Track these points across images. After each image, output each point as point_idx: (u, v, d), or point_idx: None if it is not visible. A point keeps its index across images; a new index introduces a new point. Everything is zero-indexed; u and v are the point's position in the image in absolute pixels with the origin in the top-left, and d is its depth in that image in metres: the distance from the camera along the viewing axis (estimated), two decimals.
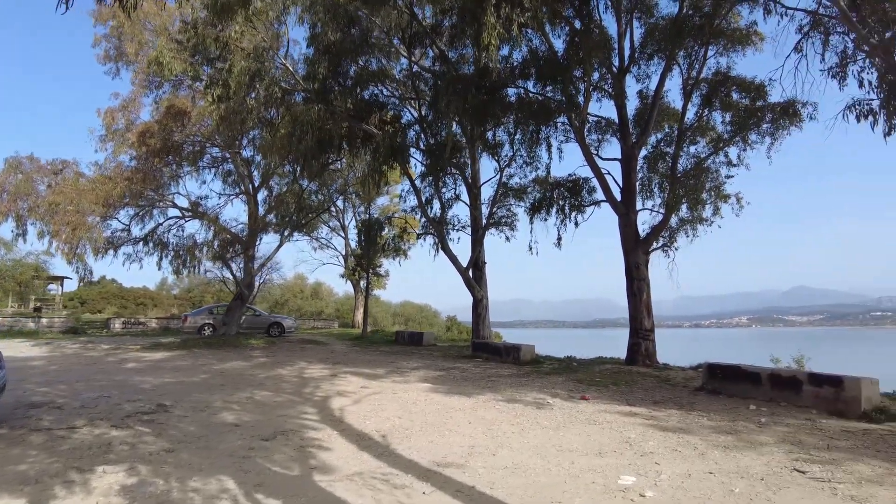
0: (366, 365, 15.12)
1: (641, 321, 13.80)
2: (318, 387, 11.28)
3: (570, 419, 7.95)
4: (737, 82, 13.56)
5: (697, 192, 13.29)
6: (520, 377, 12.41)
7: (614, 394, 10.14)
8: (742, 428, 7.28)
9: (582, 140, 14.36)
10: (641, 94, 15.81)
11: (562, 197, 16.06)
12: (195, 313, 27.44)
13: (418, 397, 9.88)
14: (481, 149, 18.22)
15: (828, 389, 8.16)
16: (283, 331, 26.98)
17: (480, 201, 20.48)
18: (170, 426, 7.51)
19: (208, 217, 22.70)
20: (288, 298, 55.90)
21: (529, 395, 9.93)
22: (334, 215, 32.68)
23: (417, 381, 11.89)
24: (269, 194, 24.59)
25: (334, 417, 8.33)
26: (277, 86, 15.74)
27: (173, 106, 19.81)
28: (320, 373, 13.57)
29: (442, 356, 17.48)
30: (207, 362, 15.89)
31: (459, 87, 13.75)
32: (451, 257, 19.16)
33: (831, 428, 7.21)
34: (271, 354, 18.33)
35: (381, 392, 10.53)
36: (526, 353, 15.00)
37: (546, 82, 14.14)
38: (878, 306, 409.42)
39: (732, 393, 9.50)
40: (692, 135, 14.50)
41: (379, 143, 15.29)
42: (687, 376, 11.87)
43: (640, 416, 8.13)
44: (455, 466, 5.71)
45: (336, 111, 14.97)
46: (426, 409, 8.74)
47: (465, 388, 10.92)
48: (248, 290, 24.51)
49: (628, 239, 14.12)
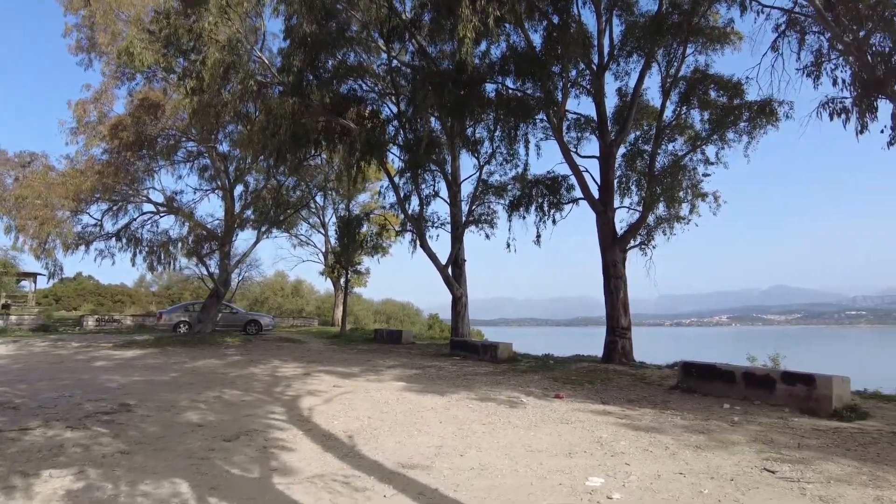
0: (341, 364, 14.90)
1: (618, 319, 13.76)
2: (289, 386, 11.05)
3: (543, 418, 7.83)
4: (715, 80, 13.57)
5: (674, 190, 13.28)
6: (496, 375, 12.29)
7: (589, 392, 10.06)
8: (715, 427, 7.22)
9: (560, 137, 14.27)
10: (620, 91, 15.79)
11: (541, 194, 15.97)
12: (170, 310, 26.92)
13: (391, 396, 9.70)
14: (461, 145, 18.06)
15: (800, 388, 8.15)
16: (261, 328, 26.60)
17: (460, 198, 20.33)
18: (130, 427, 7.24)
19: (183, 212, 22.20)
20: (268, 296, 55.27)
21: (504, 394, 9.81)
22: (314, 212, 32.29)
23: (392, 380, 11.70)
24: (245, 190, 24.18)
25: (302, 417, 8.12)
26: (253, 79, 15.39)
27: (147, 98, 19.32)
28: (293, 371, 13.32)
29: (420, 354, 17.31)
30: (179, 360, 15.57)
31: (437, 82, 13.56)
32: (430, 255, 18.97)
33: (803, 426, 7.18)
34: (246, 352, 18.01)
35: (353, 391, 10.33)
36: (503, 352, 14.89)
37: (524, 78, 14.02)
38: (853, 305, 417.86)
39: (707, 391, 9.46)
40: (670, 133, 14.49)
41: (355, 138, 15.05)
42: (663, 375, 11.84)
43: (613, 415, 8.04)
44: (420, 468, 5.54)
45: (312, 105, 14.68)
46: (397, 409, 8.57)
47: (440, 386, 10.76)
48: (224, 287, 24.09)
49: (606, 237, 14.07)
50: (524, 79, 14.08)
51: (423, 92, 13.54)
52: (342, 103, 16.42)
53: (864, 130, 8.52)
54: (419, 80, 14.55)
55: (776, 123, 12.99)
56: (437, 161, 18.40)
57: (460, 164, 20.98)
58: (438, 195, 19.68)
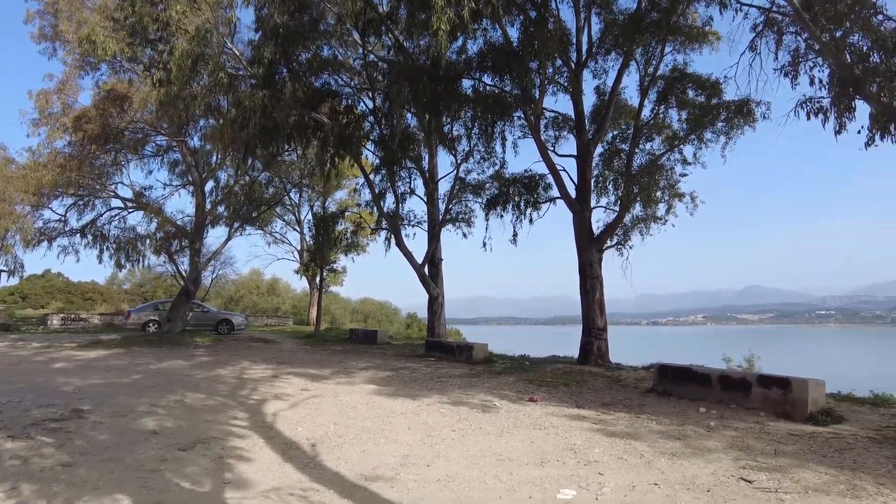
0: (312, 365, 14.50)
1: (594, 320, 13.60)
2: (255, 389, 10.64)
3: (516, 423, 7.58)
4: (693, 79, 13.48)
5: (651, 190, 13.17)
6: (470, 377, 12.03)
7: (564, 395, 9.85)
8: (691, 433, 7.04)
9: (537, 135, 14.05)
10: (599, 90, 15.65)
11: (517, 193, 15.76)
12: (139, 309, 26.15)
13: (360, 400, 9.37)
14: (438, 142, 17.74)
15: (776, 391, 8.03)
16: (233, 328, 25.99)
17: (438, 197, 20.04)
18: (78, 435, 6.81)
19: (152, 208, 21.46)
20: (243, 294, 54.42)
21: (477, 397, 9.55)
22: (290, 209, 31.71)
23: (363, 383, 11.36)
24: (216, 185, 23.53)
25: (265, 423, 7.75)
26: (223, 71, 14.84)
27: (113, 90, 18.61)
28: (262, 373, 12.90)
29: (394, 355, 16.98)
30: (145, 361, 15.03)
31: (412, 76, 13.22)
32: (405, 253, 18.63)
33: (779, 431, 7.05)
34: (215, 353, 17.51)
35: (321, 395, 9.97)
36: (479, 352, 14.64)
37: (501, 74, 13.79)
38: (823, 305, 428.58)
39: (683, 394, 9.32)
40: (648, 132, 14.39)
41: (328, 133, 14.62)
42: (638, 377, 11.70)
43: (587, 420, 7.83)
44: (384, 480, 5.24)
45: (283, 98, 14.23)
46: (365, 414, 8.25)
47: (412, 389, 10.46)
48: (195, 285, 23.43)
49: (582, 236, 13.90)
50: (501, 75, 13.85)
51: (398, 86, 13.18)
52: (316, 97, 15.97)
53: (841, 130, 8.44)
54: (394, 73, 14.18)
55: (753, 124, 12.96)
56: (414, 158, 18.06)
57: (438, 161, 20.72)
58: (414, 193, 19.39)
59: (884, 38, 7.12)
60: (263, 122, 13.63)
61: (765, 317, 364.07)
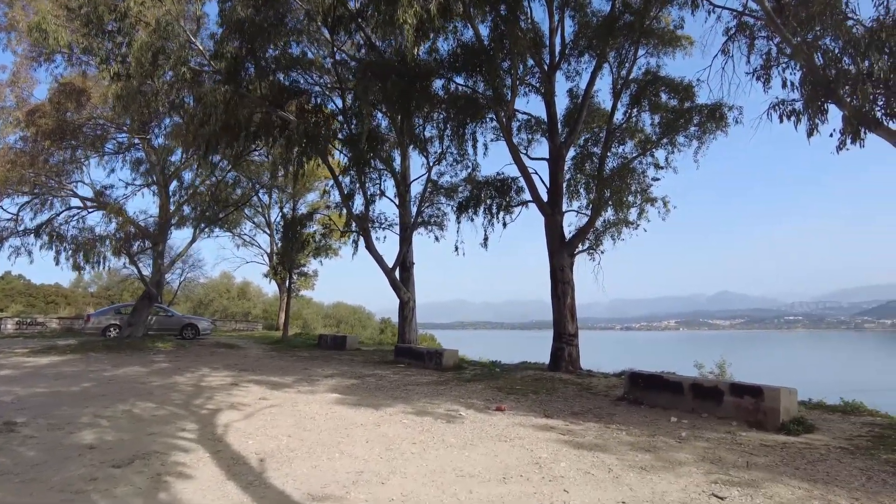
0: (275, 372, 13.95)
1: (565, 325, 13.34)
2: (211, 398, 10.10)
3: (480, 435, 7.21)
4: (666, 82, 13.35)
5: (623, 193, 12.98)
6: (438, 385, 11.64)
7: (532, 403, 9.52)
8: (661, 444, 6.77)
9: (508, 136, 13.78)
10: (571, 92, 15.48)
11: (489, 196, 15.47)
12: (99, 313, 25.17)
13: (319, 410, 8.91)
14: (409, 142, 17.34)
15: (748, 400, 7.83)
16: (198, 333, 25.19)
17: (410, 199, 19.63)
18: (4, 451, 6.24)
19: (111, 207, 20.56)
20: (213, 298, 53.14)
21: (442, 406, 9.16)
22: (259, 211, 30.95)
23: (325, 392, 10.89)
24: (179, 185, 22.70)
25: (214, 436, 7.25)
26: (187, 66, 14.26)
27: (70, 83, 17.78)
28: (221, 381, 12.33)
29: (363, 362, 16.50)
30: (100, 368, 14.33)
31: (380, 72, 12.83)
32: (376, 257, 18.18)
33: (751, 442, 6.82)
34: (175, 359, 16.82)
35: (280, 404, 9.48)
36: (448, 359, 14.27)
37: (472, 73, 13.49)
38: (791, 311, 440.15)
39: (654, 403, 9.07)
40: (621, 135, 14.24)
41: (293, 131, 14.11)
42: (609, 384, 11.45)
43: (555, 431, 7.51)
44: (333, 500, 4.83)
45: (248, 95, 13.70)
46: (323, 426, 7.80)
47: (376, 398, 10.03)
48: (158, 288, 22.61)
49: (553, 240, 13.65)
50: (472, 74, 13.56)
51: (366, 82, 12.78)
52: (283, 95, 15.47)
53: (814, 133, 8.33)
54: (362, 69, 13.76)
55: (725, 129, 12.87)
56: (384, 159, 17.63)
57: (410, 164, 20.34)
58: (384, 194, 18.93)
59: (856, 40, 7.01)
60: (226, 119, 13.08)
61: (736, 322, 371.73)
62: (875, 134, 7.76)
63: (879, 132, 7.92)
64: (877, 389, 38.50)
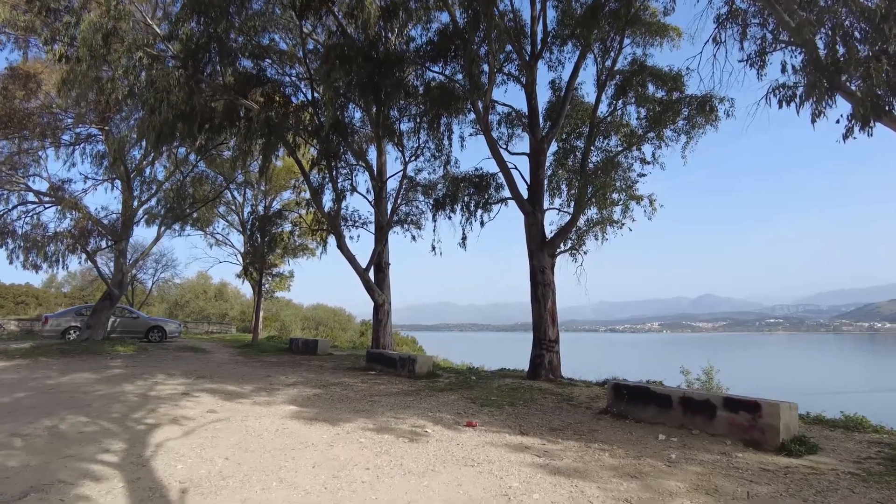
0: (235, 380, 12.96)
1: (545, 330, 12.51)
2: (154, 410, 9.10)
3: (445, 458, 6.34)
4: (653, 72, 12.57)
5: (607, 189, 12.16)
6: (407, 396, 10.74)
7: (508, 418, 8.66)
8: (649, 468, 5.95)
9: (486, 128, 12.91)
10: (554, 84, 14.66)
11: (467, 193, 14.61)
12: (59, 315, 23.83)
13: (270, 426, 7.97)
14: (384, 135, 16.38)
15: (744, 416, 7.05)
16: (165, 336, 24.02)
17: (386, 196, 18.71)
18: None
19: (67, 201, 19.31)
20: (189, 299, 51.63)
21: (408, 421, 8.27)
22: (233, 209, 29.74)
23: (283, 403, 9.93)
24: (140, 180, 21.44)
25: (140, 459, 6.29)
26: (143, 50, 13.22)
27: (18, 68, 16.59)
28: (173, 389, 11.32)
29: (332, 368, 15.55)
30: (44, 375, 13.24)
31: (345, 55, 11.90)
32: (348, 257, 17.22)
33: (749, 465, 6.03)
34: (133, 364, 15.74)
35: (228, 418, 8.52)
36: (422, 366, 13.37)
37: (447, 59, 12.64)
38: (772, 314, 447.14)
39: (640, 417, 8.27)
40: (605, 129, 13.47)
41: (253, 119, 13.11)
42: (592, 394, 10.65)
43: (530, 451, 6.66)
44: None
45: (206, 80, 12.68)
46: (269, 445, 6.86)
47: (336, 412, 9.10)
48: (119, 288, 21.40)
49: (534, 240, 12.83)
50: (448, 60, 12.70)
51: (329, 65, 11.85)
52: (249, 84, 14.47)
53: (819, 116, 7.58)
54: (326, 52, 12.82)
55: (716, 123, 12.16)
56: (356, 151, 16.65)
57: (387, 160, 19.41)
58: (356, 190, 17.92)
59: (870, 10, 6.27)
60: (181, 107, 12.05)
61: (718, 325, 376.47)
62: (882, 123, 7.04)
63: (886, 121, 7.19)
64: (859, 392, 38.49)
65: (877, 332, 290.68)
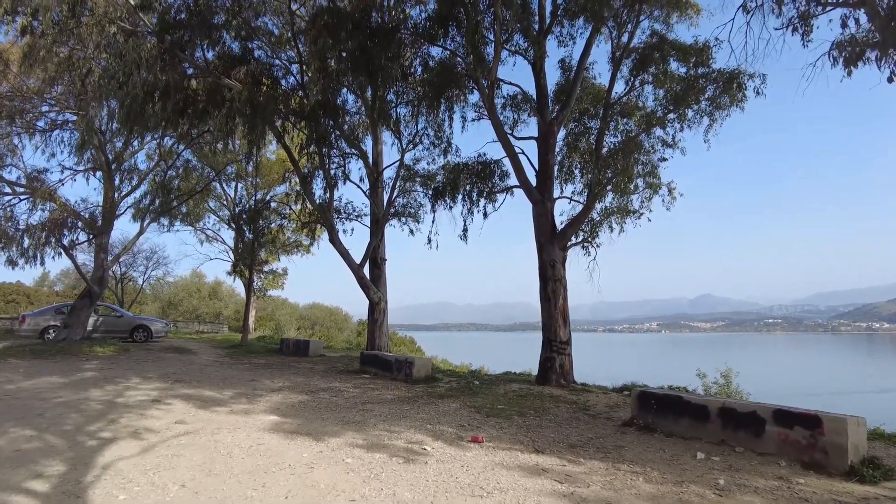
0: (215, 384, 11.84)
1: (556, 331, 11.40)
2: (115, 420, 8.00)
3: (448, 485, 5.24)
4: (675, 46, 11.44)
5: (629, 171, 10.99)
6: (404, 404, 9.64)
7: (518, 431, 7.56)
8: (696, 498, 4.87)
9: (491, 107, 11.75)
10: (564, 63, 13.52)
11: (469, 181, 13.50)
12: (37, 313, 22.66)
13: (244, 441, 6.86)
14: (380, 121, 15.22)
15: (800, 432, 5.96)
16: (150, 335, 22.89)
17: (382, 188, 17.61)
18: None
19: (40, 192, 18.10)
20: (182, 298, 50.44)
21: (404, 436, 7.17)
22: (225, 204, 28.58)
23: (263, 412, 8.82)
24: (118, 169, 20.21)
25: (77, 487, 5.18)
26: (115, 24, 12.07)
27: None
28: (144, 395, 10.22)
29: (323, 371, 14.45)
30: (6, 379, 12.20)
31: (334, 21, 10.78)
32: (341, 251, 16.11)
33: (818, 495, 4.95)
34: (108, 367, 14.64)
35: (197, 431, 7.41)
36: (420, 369, 12.27)
37: (447, 30, 11.49)
38: (770, 314, 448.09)
39: (671, 430, 7.19)
40: (621, 110, 12.36)
41: (234, 98, 11.95)
42: (610, 402, 9.56)
43: (549, 475, 5.57)
44: None
45: (185, 58, 11.53)
46: (237, 468, 5.76)
47: (322, 423, 8.00)
48: (100, 285, 20.24)
49: (543, 232, 11.72)
50: (447, 31, 11.56)
51: (316, 31, 10.70)
52: (233, 63, 13.33)
53: None
54: (312, 17, 11.67)
55: (741, 104, 11.05)
56: (348, 136, 15.48)
57: (384, 150, 18.30)
58: (349, 178, 16.76)
59: None
60: (154, 83, 10.91)
61: (717, 325, 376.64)
62: None
63: None
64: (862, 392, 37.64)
65: (875, 333, 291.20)
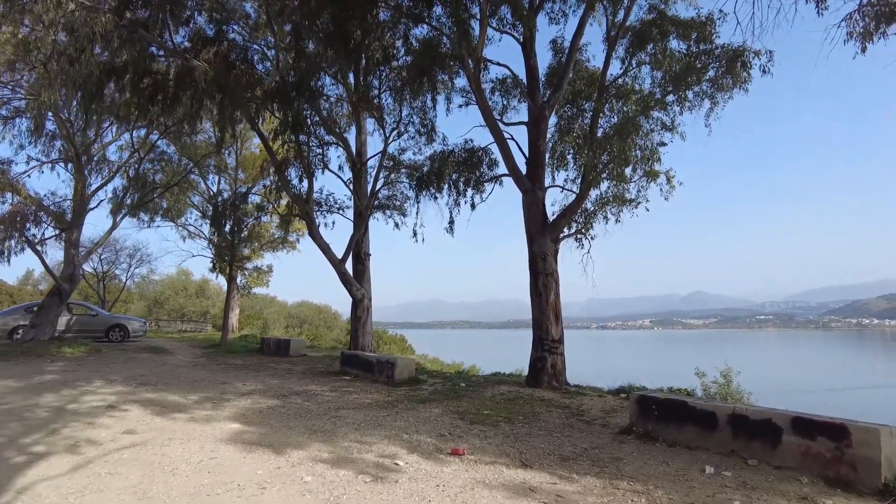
0: (182, 387, 11.01)
1: (547, 329, 10.64)
2: (57, 431, 7.17)
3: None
4: (675, 22, 10.70)
5: (627, 154, 10.20)
6: (381, 408, 8.85)
7: (505, 441, 6.79)
8: None
9: (478, 88, 10.94)
10: (556, 44, 12.77)
11: (455, 170, 12.72)
12: (5, 313, 21.72)
13: (195, 454, 6.06)
14: (361, 105, 14.36)
15: (823, 443, 5.23)
16: (127, 335, 21.98)
17: (366, 180, 16.78)
18: None
19: (1, 183, 17.12)
20: (169, 296, 49.33)
21: (375, 448, 6.38)
22: (207, 199, 27.63)
23: (227, 419, 8.01)
24: (89, 160, 19.27)
25: None
26: (73, 1, 11.15)
27: None
28: (101, 401, 9.38)
29: (301, 372, 13.64)
30: None
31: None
32: (321, 246, 15.29)
33: None
34: (74, 369, 13.79)
35: (145, 442, 6.60)
36: (403, 370, 11.48)
37: (430, 6, 10.68)
38: (762, 310, 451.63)
39: (675, 440, 6.45)
40: (616, 93, 11.60)
41: (199, 79, 11.06)
42: (606, 406, 8.82)
43: (538, 496, 4.81)
44: None
45: (139, 33, 10.60)
46: (177, 489, 4.95)
47: (288, 432, 7.20)
48: (70, 283, 19.33)
49: (534, 222, 10.96)
50: (431, 7, 10.75)
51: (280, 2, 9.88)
52: (204, 45, 12.46)
53: None
54: None
55: (745, 85, 10.33)
56: (325, 120, 14.61)
57: (368, 140, 17.47)
58: (328, 167, 15.91)
59: None
60: (112, 60, 10.02)
61: (709, 322, 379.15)
62: None
63: None
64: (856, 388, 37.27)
65: (865, 329, 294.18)
